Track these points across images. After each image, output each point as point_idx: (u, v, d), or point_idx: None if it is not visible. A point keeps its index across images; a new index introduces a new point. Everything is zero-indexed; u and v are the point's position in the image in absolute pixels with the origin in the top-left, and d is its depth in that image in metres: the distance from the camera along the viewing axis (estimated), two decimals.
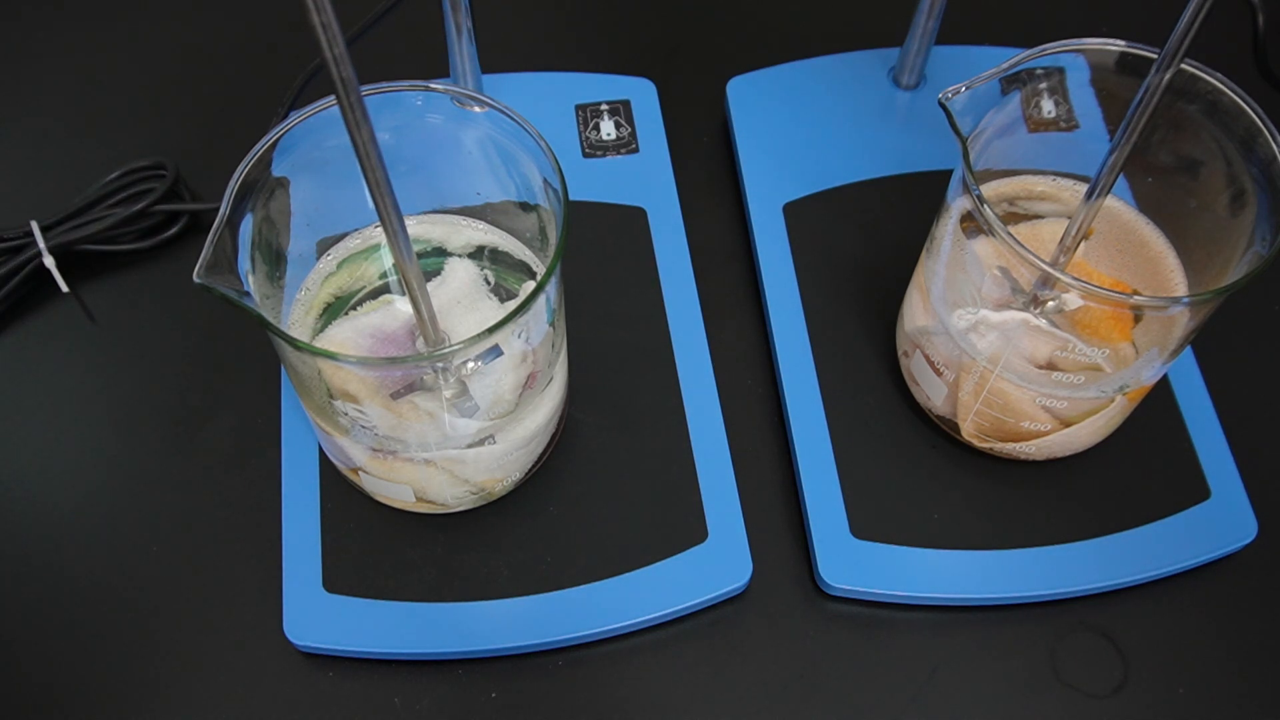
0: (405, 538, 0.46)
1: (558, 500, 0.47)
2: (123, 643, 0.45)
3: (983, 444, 0.47)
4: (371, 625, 0.44)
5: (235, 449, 0.49)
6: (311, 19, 0.28)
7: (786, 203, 0.55)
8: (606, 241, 0.53)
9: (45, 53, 0.62)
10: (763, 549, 0.48)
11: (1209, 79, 0.41)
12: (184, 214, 0.55)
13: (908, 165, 0.56)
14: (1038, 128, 0.47)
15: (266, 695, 0.44)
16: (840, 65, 0.60)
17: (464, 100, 0.42)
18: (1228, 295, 0.39)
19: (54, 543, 0.47)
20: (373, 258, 0.46)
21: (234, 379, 0.51)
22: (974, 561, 0.46)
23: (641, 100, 0.58)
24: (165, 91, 0.60)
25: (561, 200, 0.39)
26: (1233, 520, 0.48)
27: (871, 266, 0.53)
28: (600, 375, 0.50)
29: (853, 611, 0.47)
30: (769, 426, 0.51)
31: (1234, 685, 0.46)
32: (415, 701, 0.44)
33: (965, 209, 0.42)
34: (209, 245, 0.37)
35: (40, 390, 0.51)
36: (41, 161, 0.58)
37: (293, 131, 0.40)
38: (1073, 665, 0.46)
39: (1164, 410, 0.50)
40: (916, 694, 0.45)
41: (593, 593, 0.45)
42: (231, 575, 0.47)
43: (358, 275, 0.45)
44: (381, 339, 0.43)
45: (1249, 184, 0.41)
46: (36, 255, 0.52)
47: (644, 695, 0.45)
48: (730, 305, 0.54)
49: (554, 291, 0.41)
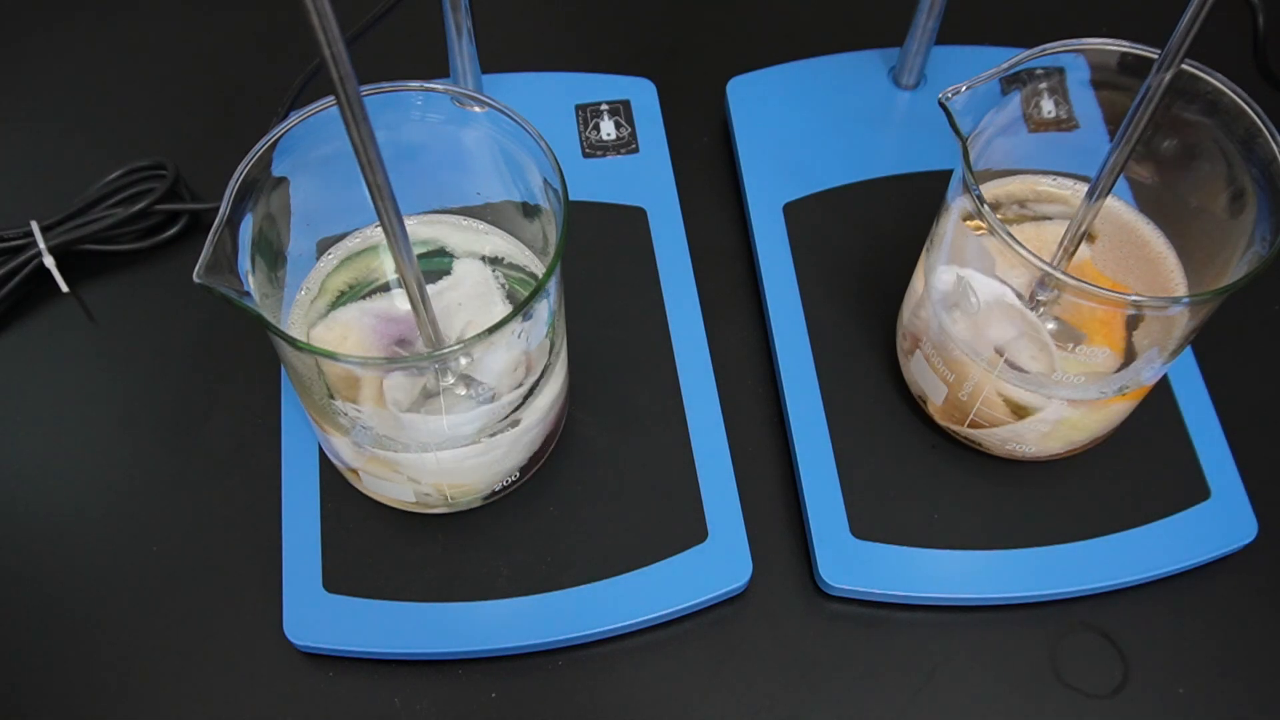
0: (405, 538, 0.46)
1: (558, 500, 0.47)
2: (123, 642, 0.45)
3: (982, 444, 0.47)
4: (371, 625, 0.44)
5: (235, 449, 0.49)
6: (311, 19, 0.28)
7: (786, 203, 0.55)
8: (606, 241, 0.53)
9: (45, 53, 0.62)
10: (763, 549, 0.48)
11: (1209, 79, 0.41)
12: (184, 214, 0.55)
13: (908, 165, 0.56)
14: (1038, 128, 0.47)
15: (266, 695, 0.44)
16: (840, 65, 0.60)
17: (464, 100, 0.42)
18: (1228, 295, 0.39)
19: (54, 542, 0.47)
20: (373, 257, 0.45)
21: (234, 379, 0.51)
22: (974, 561, 0.46)
23: (641, 100, 0.58)
24: (165, 91, 0.60)
25: (561, 200, 0.39)
26: (1233, 520, 0.48)
27: (871, 266, 0.53)
28: (600, 375, 0.50)
29: (853, 611, 0.47)
30: (769, 426, 0.51)
31: (1234, 685, 0.46)
32: (415, 701, 0.44)
33: (965, 209, 0.42)
34: (209, 245, 0.37)
35: (40, 390, 0.51)
36: (41, 161, 0.58)
37: (293, 131, 0.40)
38: (1073, 665, 0.46)
39: (1164, 410, 0.50)
40: (916, 694, 0.45)
41: (593, 593, 0.45)
42: (231, 575, 0.47)
43: (359, 273, 0.45)
44: (386, 320, 0.43)
45: (1249, 184, 0.41)
46: (36, 255, 0.52)
47: (644, 695, 0.45)
48: (730, 305, 0.54)
49: (554, 291, 0.41)
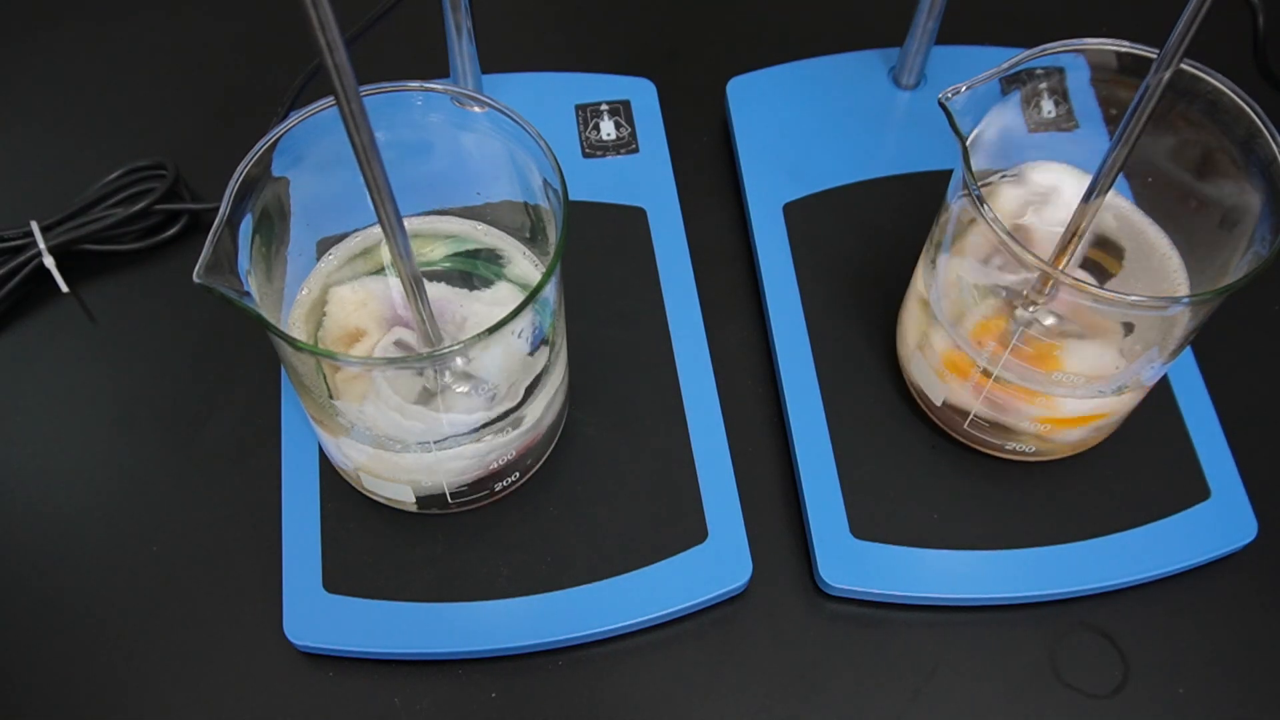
0: (405, 538, 0.46)
1: (558, 500, 0.47)
2: (123, 642, 0.45)
3: (982, 444, 0.47)
4: (371, 625, 0.44)
5: (235, 449, 0.49)
6: (311, 19, 0.28)
7: (786, 203, 0.55)
8: (606, 241, 0.53)
9: (45, 53, 0.62)
10: (763, 549, 0.48)
11: (1209, 79, 0.41)
12: (184, 214, 0.55)
13: (908, 165, 0.56)
14: (1038, 128, 0.47)
15: (266, 695, 0.44)
16: (840, 65, 0.60)
17: (464, 100, 0.42)
18: (1227, 295, 0.39)
19: (54, 542, 0.47)
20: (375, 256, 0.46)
21: (234, 379, 0.51)
22: (974, 561, 0.46)
23: (641, 100, 0.58)
24: (165, 91, 0.60)
25: (561, 200, 0.39)
26: (1233, 520, 0.48)
27: (871, 266, 0.53)
28: (600, 375, 0.50)
29: (853, 611, 0.47)
30: (769, 426, 0.51)
31: (1234, 685, 0.46)
32: (415, 701, 0.44)
33: (965, 209, 0.42)
34: (209, 245, 0.37)
35: (40, 390, 0.51)
36: (41, 161, 0.58)
37: (293, 131, 0.40)
38: (1073, 665, 0.46)
39: (1164, 410, 0.50)
40: (916, 694, 0.45)
41: (593, 593, 0.45)
42: (231, 575, 0.47)
43: (362, 271, 0.45)
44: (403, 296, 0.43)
45: (1249, 184, 0.41)
46: (36, 255, 0.52)
47: (644, 695, 0.45)
48: (730, 305, 0.54)
49: (554, 291, 0.41)
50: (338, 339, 0.43)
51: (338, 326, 0.43)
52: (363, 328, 0.43)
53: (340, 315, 0.43)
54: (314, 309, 0.44)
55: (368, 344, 0.42)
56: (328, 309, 0.43)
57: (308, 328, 0.43)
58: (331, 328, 0.43)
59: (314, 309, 0.44)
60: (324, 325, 0.43)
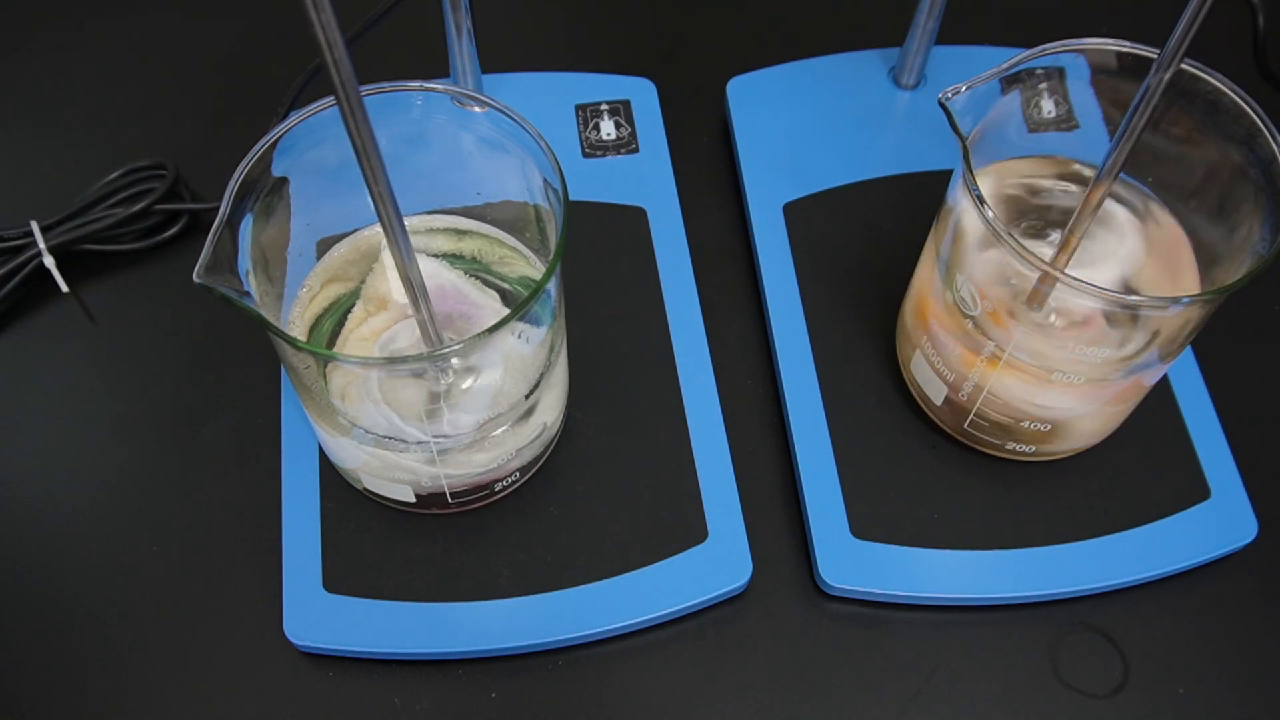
0: (405, 538, 0.46)
1: (558, 500, 0.47)
2: (123, 643, 0.45)
3: (982, 444, 0.47)
4: (371, 625, 0.44)
5: (235, 449, 0.49)
6: (311, 19, 0.28)
7: (786, 203, 0.55)
8: (606, 241, 0.53)
9: (45, 53, 0.62)
10: (763, 549, 0.48)
11: (1209, 79, 0.42)
12: (184, 214, 0.55)
13: (908, 165, 0.56)
14: (1038, 128, 0.47)
15: (266, 695, 0.44)
16: (840, 65, 0.60)
17: (464, 100, 0.42)
18: (1227, 295, 0.39)
19: (54, 542, 0.47)
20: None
21: (234, 379, 0.51)
22: (974, 561, 0.46)
23: (641, 100, 0.58)
24: (165, 91, 0.60)
25: (561, 200, 0.39)
26: (1233, 520, 0.48)
27: (871, 266, 0.53)
28: (600, 375, 0.50)
29: (853, 611, 0.47)
30: (769, 426, 0.51)
31: (1234, 685, 0.46)
32: (415, 701, 0.44)
33: (965, 209, 0.42)
34: (209, 245, 0.37)
35: (40, 390, 0.51)
36: (41, 161, 0.58)
37: (293, 131, 0.40)
38: (1073, 665, 0.46)
39: (1164, 410, 0.50)
40: (916, 694, 0.45)
41: (593, 593, 0.45)
42: (231, 575, 0.47)
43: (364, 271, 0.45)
44: (437, 294, 0.44)
45: (1249, 184, 0.41)
46: (36, 255, 0.52)
47: (644, 695, 0.45)
48: (730, 305, 0.54)
49: (554, 291, 0.41)
50: (371, 297, 0.43)
51: (381, 282, 0.44)
52: (391, 299, 0.43)
53: (379, 281, 0.44)
54: (367, 255, 0.45)
55: (386, 318, 0.43)
56: (375, 266, 0.44)
57: (353, 275, 0.44)
58: (374, 282, 0.44)
59: (367, 255, 0.45)
60: (367, 281, 0.44)
